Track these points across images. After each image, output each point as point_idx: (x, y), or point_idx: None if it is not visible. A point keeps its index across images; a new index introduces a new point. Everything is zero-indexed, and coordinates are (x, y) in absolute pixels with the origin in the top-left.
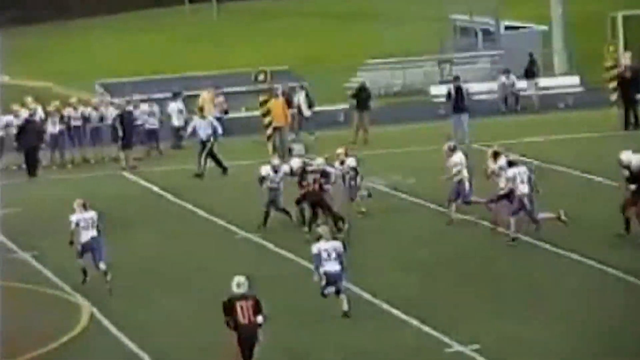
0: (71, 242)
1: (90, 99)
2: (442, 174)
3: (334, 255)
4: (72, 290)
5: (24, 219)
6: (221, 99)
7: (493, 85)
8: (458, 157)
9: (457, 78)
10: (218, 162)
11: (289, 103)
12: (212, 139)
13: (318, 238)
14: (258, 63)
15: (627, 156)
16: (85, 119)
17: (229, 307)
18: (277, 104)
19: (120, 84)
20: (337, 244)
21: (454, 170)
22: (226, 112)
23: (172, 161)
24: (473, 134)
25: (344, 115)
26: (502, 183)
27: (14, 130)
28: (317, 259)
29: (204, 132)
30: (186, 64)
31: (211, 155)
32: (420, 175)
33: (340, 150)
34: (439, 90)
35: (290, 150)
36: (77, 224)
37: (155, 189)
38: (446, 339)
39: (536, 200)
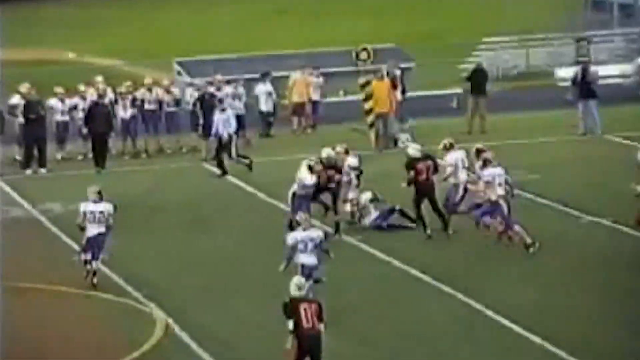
0: (82, 229)
1: (166, 80)
2: (571, 170)
3: (310, 246)
4: (144, 299)
5: None
6: (317, 80)
7: (628, 68)
8: (454, 156)
9: (584, 60)
10: (220, 165)
11: (394, 86)
12: (232, 138)
13: (295, 226)
14: (359, 39)
15: None
16: (161, 102)
17: (290, 309)
18: (380, 87)
19: (201, 62)
20: (315, 234)
21: (448, 171)
22: (313, 104)
23: (260, 151)
24: (605, 124)
25: (457, 101)
26: (480, 187)
27: (80, 115)
28: (292, 250)
29: (223, 129)
30: (275, 40)
31: (217, 154)
32: (545, 171)
33: (339, 149)
34: (567, 73)
35: (395, 141)
36: (84, 215)
37: (239, 182)
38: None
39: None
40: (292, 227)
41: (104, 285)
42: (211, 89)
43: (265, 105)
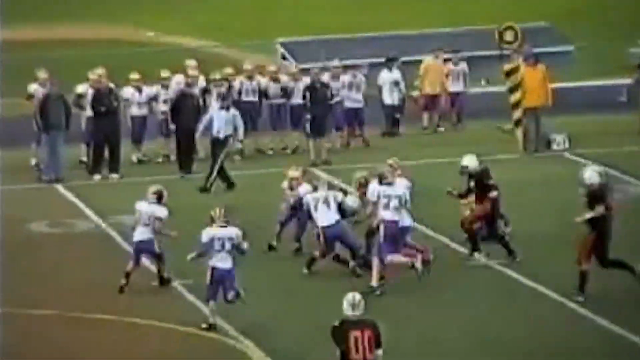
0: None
1: (268, 66)
2: None
3: (228, 246)
4: (238, 334)
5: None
6: (455, 67)
7: None
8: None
9: None
10: (224, 177)
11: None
12: (230, 141)
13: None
14: (504, 17)
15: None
16: (263, 92)
17: (339, 336)
18: (532, 75)
19: (310, 44)
20: (233, 232)
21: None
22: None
23: (382, 153)
24: None
25: (627, 94)
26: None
27: (160, 107)
28: (206, 248)
29: (220, 130)
30: (402, 17)
31: (214, 164)
32: None
33: (294, 173)
34: None
35: (549, 142)
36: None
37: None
38: None
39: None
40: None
41: (190, 317)
42: (324, 77)
43: (390, 97)
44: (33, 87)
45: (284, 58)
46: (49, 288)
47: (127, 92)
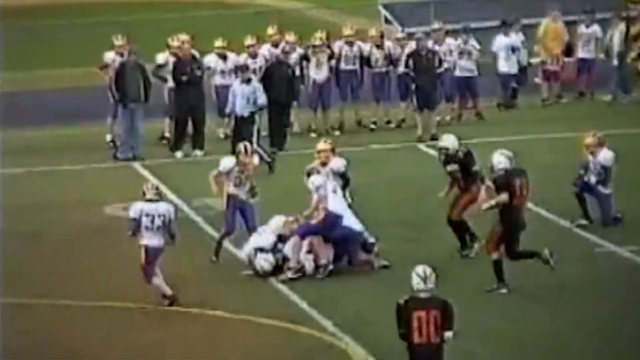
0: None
1: (373, 30)
2: None
3: (158, 222)
4: (337, 330)
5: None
6: (583, 30)
7: None
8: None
9: None
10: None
11: None
12: (255, 120)
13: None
14: None
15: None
16: (365, 60)
17: (403, 315)
18: None
19: (416, 6)
20: (165, 207)
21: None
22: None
23: (497, 127)
24: None
25: None
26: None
27: (250, 76)
28: (135, 225)
29: (240, 106)
30: None
31: (233, 140)
32: None
33: (322, 146)
34: None
35: None
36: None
37: None
38: None
39: None
40: None
41: (286, 311)
42: (429, 43)
43: (506, 65)
44: (109, 56)
45: (387, 22)
46: (126, 279)
47: (211, 60)
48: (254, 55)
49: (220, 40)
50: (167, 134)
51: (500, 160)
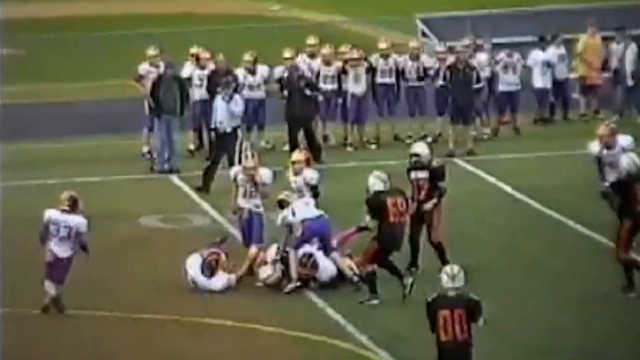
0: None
1: (413, 43)
2: None
3: (63, 233)
4: (371, 343)
5: None
6: (618, 46)
7: None
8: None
9: None
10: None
11: None
12: (238, 132)
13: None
14: None
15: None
16: (400, 73)
17: (430, 314)
18: None
19: (454, 20)
20: (76, 220)
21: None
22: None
23: (531, 142)
24: None
25: None
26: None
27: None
28: (44, 228)
29: (223, 122)
30: None
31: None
32: None
33: (297, 157)
34: None
35: None
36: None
37: (506, 187)
38: None
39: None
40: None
41: (320, 325)
42: (466, 57)
43: (541, 80)
44: (143, 67)
45: (424, 35)
46: (159, 290)
47: (239, 74)
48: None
49: (249, 54)
50: (191, 147)
51: (374, 182)
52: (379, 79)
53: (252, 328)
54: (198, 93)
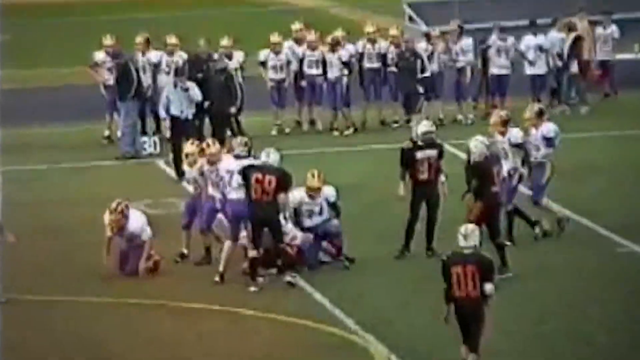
0: None
1: (394, 29)
2: None
3: None
4: (359, 328)
5: None
6: (605, 31)
7: None
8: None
9: None
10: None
11: None
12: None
13: None
14: None
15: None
16: (386, 59)
17: (445, 271)
18: None
19: (441, 4)
20: None
21: None
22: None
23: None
24: None
25: None
26: None
27: (270, 74)
28: None
29: (177, 109)
30: None
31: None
32: None
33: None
34: None
35: None
36: None
37: None
38: None
39: None
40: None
41: (307, 309)
42: (412, 45)
43: (535, 65)
44: (99, 56)
45: (411, 20)
46: (149, 275)
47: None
48: (276, 52)
49: (226, 40)
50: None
51: (479, 147)
52: (367, 64)
53: (238, 312)
54: (166, 80)
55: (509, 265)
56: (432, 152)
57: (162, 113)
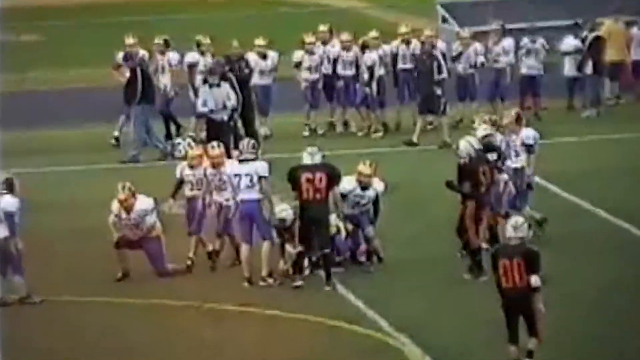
0: None
1: (428, 30)
2: None
3: None
4: (393, 329)
5: None
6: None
7: None
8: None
9: None
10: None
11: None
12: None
13: None
14: None
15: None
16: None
17: (493, 263)
18: None
19: (475, 5)
20: (5, 202)
21: None
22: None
23: (556, 128)
24: None
25: None
26: None
27: (303, 74)
28: None
29: (219, 108)
30: None
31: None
32: None
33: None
34: None
35: None
36: None
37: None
38: None
39: None
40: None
41: (341, 311)
42: (429, 48)
43: (570, 68)
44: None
45: (444, 21)
46: (181, 277)
47: (251, 59)
48: (311, 52)
49: (261, 39)
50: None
51: (468, 146)
52: (400, 64)
53: (273, 315)
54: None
55: (484, 269)
56: (493, 155)
57: (200, 109)
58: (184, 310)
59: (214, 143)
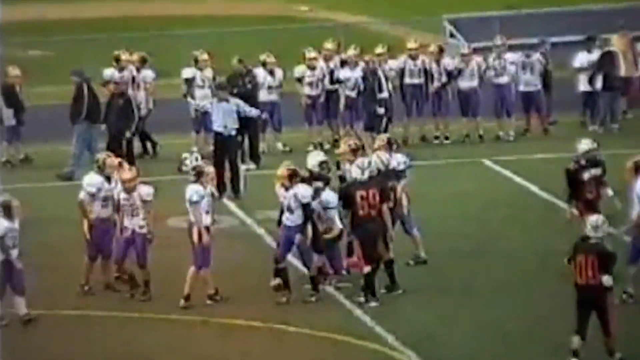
0: None
1: (433, 45)
2: None
3: None
4: (399, 344)
5: None
6: None
7: None
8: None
9: None
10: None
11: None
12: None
13: None
14: None
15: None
16: (429, 75)
17: (572, 258)
18: None
19: (483, 20)
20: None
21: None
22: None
23: (560, 144)
24: None
25: None
26: None
27: (305, 90)
28: None
29: (221, 124)
30: None
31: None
32: None
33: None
34: None
35: None
36: None
37: (533, 188)
38: None
39: None
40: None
41: (348, 326)
42: (375, 66)
43: (584, 84)
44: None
45: (452, 36)
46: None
47: (258, 74)
48: (312, 67)
49: (266, 55)
50: (194, 149)
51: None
52: (407, 80)
53: (279, 329)
54: (200, 94)
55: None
56: (597, 171)
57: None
58: (191, 326)
59: (126, 165)
